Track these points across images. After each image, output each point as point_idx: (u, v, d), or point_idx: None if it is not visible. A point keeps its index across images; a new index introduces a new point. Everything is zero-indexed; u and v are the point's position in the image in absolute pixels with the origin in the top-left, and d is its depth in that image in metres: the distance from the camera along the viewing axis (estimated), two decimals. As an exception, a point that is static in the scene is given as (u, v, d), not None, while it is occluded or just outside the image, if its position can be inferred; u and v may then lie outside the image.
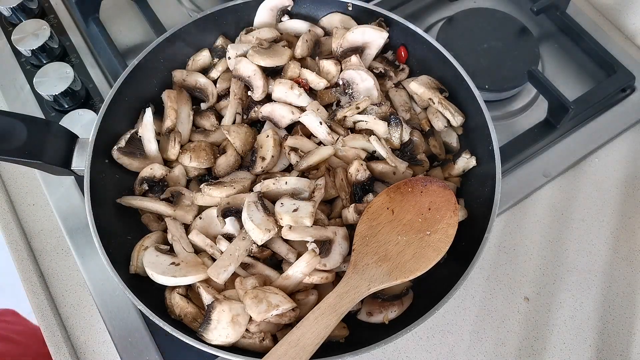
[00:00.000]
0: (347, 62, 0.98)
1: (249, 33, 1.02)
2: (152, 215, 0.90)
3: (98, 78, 1.15)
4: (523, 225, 1.03)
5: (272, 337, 0.79)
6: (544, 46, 1.22)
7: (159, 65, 0.99)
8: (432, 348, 0.92)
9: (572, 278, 0.98)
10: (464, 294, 0.97)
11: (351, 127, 0.96)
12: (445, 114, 0.96)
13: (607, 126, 1.12)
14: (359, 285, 0.76)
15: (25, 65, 1.17)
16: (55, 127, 0.86)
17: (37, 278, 0.96)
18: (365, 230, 0.82)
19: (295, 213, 0.80)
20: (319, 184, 0.86)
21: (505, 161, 1.03)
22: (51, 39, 1.14)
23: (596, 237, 1.02)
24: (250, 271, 0.83)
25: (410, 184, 0.87)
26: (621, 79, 1.13)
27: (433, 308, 0.75)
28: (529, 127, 1.09)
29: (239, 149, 0.92)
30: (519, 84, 1.11)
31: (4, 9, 1.18)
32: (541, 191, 1.06)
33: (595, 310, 0.96)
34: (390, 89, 1.02)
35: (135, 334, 0.90)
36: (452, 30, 1.18)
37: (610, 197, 1.06)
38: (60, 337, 0.91)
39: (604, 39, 1.20)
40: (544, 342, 0.93)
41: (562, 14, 1.21)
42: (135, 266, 0.83)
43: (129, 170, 0.92)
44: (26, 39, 1.13)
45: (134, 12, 1.25)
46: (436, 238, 0.81)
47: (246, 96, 0.99)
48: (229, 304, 0.76)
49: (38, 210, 1.04)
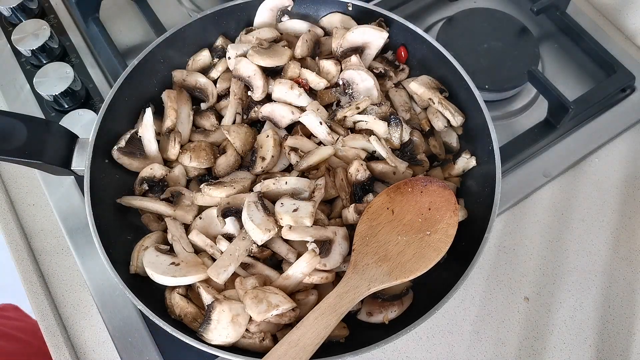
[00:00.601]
0: (347, 62, 0.98)
1: (249, 33, 1.02)
2: (152, 215, 0.90)
3: (98, 78, 1.15)
4: (523, 225, 1.03)
5: (272, 337, 0.79)
6: (544, 46, 1.22)
7: (159, 65, 0.99)
8: (432, 348, 0.92)
9: (572, 278, 0.98)
10: (464, 294, 0.97)
11: (351, 127, 0.96)
12: (445, 114, 0.96)
13: (607, 126, 1.12)
14: (359, 285, 0.76)
15: (25, 65, 1.17)
16: (55, 127, 0.86)
17: (37, 278, 0.96)
18: (365, 230, 0.82)
19: (295, 213, 0.80)
20: (319, 184, 0.86)
21: (505, 161, 1.03)
22: (51, 39, 1.14)
23: (596, 237, 1.02)
24: (250, 271, 0.83)
25: (410, 184, 0.87)
26: (621, 79, 1.13)
27: (433, 308, 0.75)
28: (529, 127, 1.09)
29: (239, 149, 0.92)
30: (519, 84, 1.11)
31: (4, 9, 1.18)
32: (541, 191, 1.06)
33: (595, 310, 0.96)
34: (390, 89, 1.02)
35: (135, 334, 0.90)
36: (452, 30, 1.18)
37: (610, 197, 1.06)
38: (60, 337, 0.91)
39: (604, 39, 1.20)
40: (544, 342, 0.93)
41: (562, 14, 1.21)
42: (135, 266, 0.83)
43: (129, 170, 0.92)
44: (26, 39, 1.13)
45: (134, 12, 1.25)
46: (436, 238, 0.81)
47: (246, 96, 0.99)
48: (229, 304, 0.76)
49: (38, 210, 1.04)
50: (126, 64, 0.98)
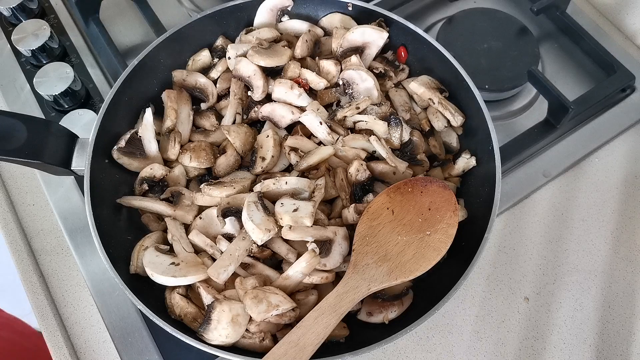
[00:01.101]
0: (347, 62, 0.98)
1: (249, 33, 1.02)
2: (152, 215, 0.90)
3: (98, 78, 1.15)
4: (523, 225, 1.03)
5: (272, 337, 0.79)
6: (544, 46, 1.22)
7: (159, 65, 0.99)
8: (432, 348, 0.92)
9: (572, 278, 0.98)
10: (464, 294, 0.97)
11: (351, 127, 0.96)
12: (445, 114, 0.96)
13: (607, 126, 1.12)
14: (359, 285, 0.76)
15: (25, 65, 1.17)
16: (55, 127, 0.86)
17: (37, 278, 0.96)
18: (365, 230, 0.82)
19: (295, 213, 0.80)
20: (319, 184, 0.86)
21: (505, 161, 1.03)
22: (51, 39, 1.14)
23: (596, 237, 1.02)
24: (250, 271, 0.83)
25: (410, 184, 0.87)
26: (621, 79, 1.13)
27: (433, 308, 0.75)
28: (529, 127, 1.09)
29: (239, 149, 0.92)
30: (519, 84, 1.11)
31: (4, 9, 1.18)
32: (541, 191, 1.06)
33: (595, 310, 0.96)
34: (390, 89, 1.02)
35: (135, 334, 0.90)
36: (452, 30, 1.18)
37: (610, 197, 1.06)
38: (60, 337, 0.91)
39: (604, 39, 1.20)
40: (544, 342, 0.93)
41: (562, 14, 1.21)
42: (135, 266, 0.83)
43: (129, 170, 0.92)
44: (26, 39, 1.13)
45: (134, 12, 1.25)
46: (436, 238, 0.81)
47: (246, 96, 0.99)
48: (229, 304, 0.76)
49: (38, 210, 1.04)
50: (126, 64, 0.98)
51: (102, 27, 1.17)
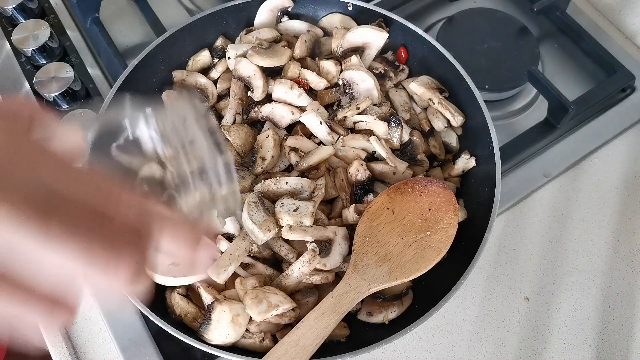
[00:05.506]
0: (347, 63, 0.98)
1: (249, 33, 1.02)
2: (152, 216, 0.90)
3: (98, 78, 1.15)
4: (523, 225, 1.03)
5: (272, 337, 0.79)
6: (544, 46, 1.22)
7: (159, 65, 0.99)
8: (432, 348, 0.92)
9: (572, 278, 0.98)
10: (464, 294, 0.97)
11: (351, 127, 0.96)
12: (445, 114, 0.96)
13: (607, 126, 1.12)
14: (359, 285, 0.76)
15: (25, 65, 1.16)
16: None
17: (37, 278, 0.96)
18: (365, 230, 0.82)
19: (295, 213, 0.80)
20: (319, 184, 0.86)
21: (505, 161, 1.03)
22: (51, 39, 1.14)
23: (596, 237, 1.02)
24: (250, 271, 0.83)
25: (410, 185, 0.87)
26: (621, 79, 1.13)
27: (433, 308, 0.75)
28: (529, 127, 1.09)
29: (239, 149, 0.92)
30: (519, 84, 1.11)
31: (4, 9, 1.18)
32: (541, 191, 1.06)
33: (595, 310, 0.96)
34: (390, 90, 1.02)
35: (135, 334, 0.90)
36: (452, 30, 1.18)
37: (610, 197, 1.06)
38: (60, 337, 0.91)
39: (604, 39, 1.20)
40: (544, 342, 0.93)
41: (562, 14, 1.21)
42: (135, 266, 0.83)
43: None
44: (26, 39, 1.13)
45: (134, 12, 1.25)
46: (436, 238, 0.81)
47: (246, 96, 0.99)
48: (229, 304, 0.76)
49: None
50: (126, 64, 0.98)
51: (102, 27, 1.17)
